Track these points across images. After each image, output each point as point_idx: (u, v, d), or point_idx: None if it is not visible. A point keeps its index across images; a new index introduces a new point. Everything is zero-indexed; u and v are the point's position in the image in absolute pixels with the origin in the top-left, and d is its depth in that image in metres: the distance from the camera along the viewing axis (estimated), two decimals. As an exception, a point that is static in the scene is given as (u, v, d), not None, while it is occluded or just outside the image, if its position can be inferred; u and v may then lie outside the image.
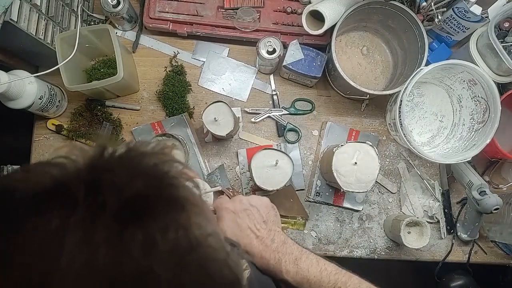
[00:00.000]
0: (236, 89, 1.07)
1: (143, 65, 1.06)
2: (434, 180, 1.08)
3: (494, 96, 0.91)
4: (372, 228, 1.06)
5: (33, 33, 0.83)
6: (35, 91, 0.88)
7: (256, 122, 1.06)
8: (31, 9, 0.82)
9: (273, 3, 1.03)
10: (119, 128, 1.03)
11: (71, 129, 1.01)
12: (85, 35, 0.90)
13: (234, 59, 1.08)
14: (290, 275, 0.55)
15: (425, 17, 0.96)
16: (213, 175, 1.02)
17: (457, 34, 1.01)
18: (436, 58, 1.02)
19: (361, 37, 1.10)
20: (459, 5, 0.91)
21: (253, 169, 0.93)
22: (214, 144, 1.05)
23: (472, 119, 1.00)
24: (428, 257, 1.06)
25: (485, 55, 0.95)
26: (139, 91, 1.05)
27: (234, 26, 1.02)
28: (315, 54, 0.99)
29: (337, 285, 0.52)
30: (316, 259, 0.56)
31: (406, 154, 1.08)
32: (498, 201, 0.95)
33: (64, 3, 0.95)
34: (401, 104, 0.90)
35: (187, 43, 1.07)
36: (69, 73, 0.88)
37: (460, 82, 1.00)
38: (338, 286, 0.52)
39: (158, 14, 1.01)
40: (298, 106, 1.07)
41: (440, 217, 1.06)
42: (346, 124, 1.08)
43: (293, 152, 1.04)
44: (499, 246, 1.07)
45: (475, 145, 0.93)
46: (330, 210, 1.05)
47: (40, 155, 1.01)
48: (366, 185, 0.90)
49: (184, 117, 1.02)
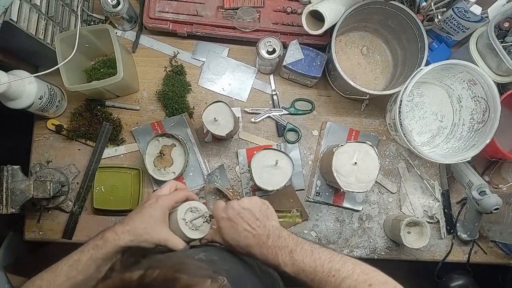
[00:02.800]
0: (236, 89, 1.07)
1: (143, 65, 1.06)
2: (434, 180, 1.08)
3: (494, 96, 0.91)
4: (372, 228, 1.06)
5: (33, 33, 0.83)
6: (35, 91, 0.88)
7: (256, 122, 1.06)
8: (31, 9, 0.82)
9: (273, 3, 1.03)
10: (119, 128, 1.03)
11: (71, 129, 1.01)
12: (85, 35, 0.90)
13: (234, 59, 1.08)
14: (287, 267, 0.57)
15: (425, 17, 0.96)
16: (213, 175, 1.02)
17: (457, 34, 1.01)
18: (436, 58, 1.02)
19: (361, 37, 1.10)
20: (459, 5, 0.91)
21: (253, 169, 0.93)
22: (214, 144, 1.05)
23: (472, 119, 1.00)
24: (428, 257, 1.06)
25: (485, 55, 0.95)
26: (139, 91, 1.05)
27: (234, 26, 1.02)
28: (315, 54, 0.99)
29: (331, 273, 0.53)
30: (310, 248, 0.57)
31: (406, 154, 1.08)
32: (498, 201, 0.95)
33: (64, 3, 0.95)
34: (401, 104, 0.90)
35: (187, 43, 1.07)
36: (69, 73, 0.88)
37: (460, 82, 1.00)
38: (332, 274, 0.53)
39: (158, 14, 1.01)
40: (298, 106, 1.07)
41: (440, 217, 1.06)
42: (346, 124, 1.08)
43: (293, 152, 1.04)
44: (499, 246, 1.07)
45: (475, 145, 0.93)
46: (330, 210, 1.05)
47: (40, 155, 1.01)
48: (366, 185, 0.90)
49: (184, 117, 1.02)
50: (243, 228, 0.61)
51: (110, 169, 0.99)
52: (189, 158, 0.99)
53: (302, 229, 1.04)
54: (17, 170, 0.89)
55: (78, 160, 1.02)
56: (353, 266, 0.54)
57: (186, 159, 0.97)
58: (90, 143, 1.02)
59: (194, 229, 0.67)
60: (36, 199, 0.92)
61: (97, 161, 1.00)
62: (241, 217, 0.62)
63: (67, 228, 1.00)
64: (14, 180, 0.88)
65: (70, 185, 1.00)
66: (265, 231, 0.61)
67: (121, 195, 0.97)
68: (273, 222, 0.63)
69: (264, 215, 0.63)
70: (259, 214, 0.63)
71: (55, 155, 1.02)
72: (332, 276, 0.53)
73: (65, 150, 1.02)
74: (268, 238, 0.60)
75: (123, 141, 1.04)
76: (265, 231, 0.61)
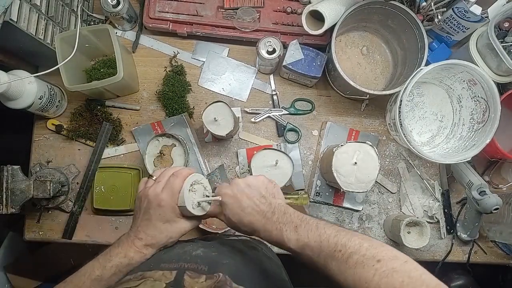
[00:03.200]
0: (236, 89, 1.07)
1: (143, 65, 1.06)
2: (434, 180, 1.08)
3: (494, 96, 0.91)
4: (372, 228, 1.06)
5: (33, 33, 0.83)
6: (35, 91, 0.88)
7: (256, 122, 1.06)
8: (31, 9, 0.82)
9: (273, 3, 1.03)
10: (119, 128, 1.03)
11: (71, 129, 1.01)
12: (85, 35, 0.90)
13: (234, 59, 1.08)
14: (292, 243, 0.56)
15: (425, 17, 0.96)
16: (213, 175, 1.02)
17: (457, 34, 1.01)
18: (436, 58, 1.02)
19: (361, 37, 1.10)
20: (459, 5, 0.91)
21: (253, 169, 0.93)
22: (214, 144, 1.05)
23: (472, 119, 1.00)
24: (428, 257, 1.06)
25: (485, 55, 0.95)
26: (139, 91, 1.05)
27: (234, 26, 1.02)
28: (315, 54, 0.99)
29: (337, 248, 0.51)
30: (316, 224, 0.56)
31: (406, 154, 1.08)
32: (498, 201, 0.95)
33: (64, 3, 0.95)
34: (401, 104, 0.90)
35: (187, 43, 1.07)
36: (69, 73, 0.88)
37: (460, 82, 1.00)
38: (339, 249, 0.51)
39: (158, 14, 1.01)
40: (298, 106, 1.07)
41: (440, 217, 1.06)
42: (346, 124, 1.08)
43: (293, 152, 1.04)
44: (499, 246, 1.07)
45: (475, 145, 0.93)
46: (330, 210, 1.05)
47: (40, 155, 1.02)
48: (366, 185, 0.90)
49: (184, 117, 1.02)
50: (247, 204, 0.60)
51: (110, 169, 0.99)
52: (189, 158, 0.99)
53: (302, 229, 1.04)
54: (17, 170, 0.89)
55: (78, 160, 1.02)
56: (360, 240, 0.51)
57: (186, 159, 0.97)
58: (90, 143, 1.02)
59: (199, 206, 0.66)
60: (36, 199, 0.92)
61: (97, 161, 1.01)
62: (246, 194, 0.61)
63: (67, 228, 1.00)
64: (14, 180, 0.88)
65: (70, 185, 1.00)
66: (270, 208, 0.60)
67: (121, 195, 0.97)
68: (279, 201, 0.62)
69: (270, 193, 0.62)
70: (264, 191, 0.62)
71: (55, 155, 1.02)
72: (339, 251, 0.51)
73: (65, 150, 1.02)
74: (273, 215, 0.59)
75: (123, 141, 1.04)
76: (270, 208, 0.60)
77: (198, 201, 0.65)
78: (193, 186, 0.67)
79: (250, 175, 0.64)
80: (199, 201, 0.65)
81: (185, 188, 0.64)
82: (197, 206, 0.65)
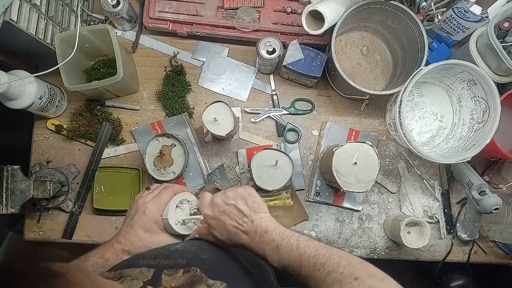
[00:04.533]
0: (236, 89, 1.07)
1: (143, 65, 1.06)
2: (434, 180, 1.08)
3: (494, 96, 0.91)
4: (372, 228, 1.06)
5: (33, 33, 0.83)
6: (35, 91, 0.88)
7: (256, 122, 1.06)
8: (31, 9, 0.82)
9: (273, 3, 1.03)
10: (119, 128, 1.03)
11: (71, 129, 1.01)
12: (85, 35, 0.90)
13: (234, 59, 1.08)
14: (274, 262, 0.58)
15: (425, 17, 0.96)
16: (213, 175, 1.02)
17: (457, 34, 1.01)
18: (436, 58, 1.02)
19: (361, 37, 1.10)
20: (459, 5, 0.91)
21: (253, 169, 0.93)
22: (214, 144, 1.05)
23: (472, 119, 1.00)
24: (428, 257, 1.06)
25: (485, 55, 0.95)
26: (139, 91, 1.05)
27: (234, 26, 1.02)
28: (315, 54, 0.99)
29: (316, 267, 0.53)
30: (296, 242, 0.57)
31: (406, 154, 1.08)
32: (498, 201, 0.95)
33: (64, 3, 0.95)
34: (401, 104, 0.90)
35: (187, 43, 1.07)
36: (69, 73, 0.88)
37: (460, 82, 1.00)
38: (317, 268, 0.53)
39: (158, 14, 1.01)
40: (298, 106, 1.07)
41: (440, 217, 1.06)
42: (346, 124, 1.08)
43: (293, 152, 1.04)
44: (499, 246, 1.07)
45: (475, 145, 0.93)
46: (330, 210, 1.05)
47: (40, 155, 1.01)
48: (366, 185, 0.90)
49: (184, 117, 1.02)
50: (231, 225, 0.61)
51: (110, 169, 0.99)
52: (189, 158, 0.99)
53: (302, 229, 1.04)
54: (17, 170, 0.89)
55: (78, 160, 1.02)
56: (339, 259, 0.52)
57: (186, 159, 0.97)
58: (90, 143, 1.02)
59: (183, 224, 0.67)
60: (36, 199, 0.92)
61: (97, 161, 1.00)
62: (227, 215, 0.61)
63: (67, 228, 1.00)
64: (14, 180, 0.88)
65: (70, 185, 1.00)
66: (253, 227, 0.60)
67: (121, 195, 0.97)
68: (262, 215, 0.62)
69: (252, 209, 0.62)
70: (245, 208, 0.61)
71: (55, 155, 1.02)
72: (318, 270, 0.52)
73: (65, 150, 1.02)
74: (256, 234, 0.59)
75: (123, 141, 1.04)
76: (253, 227, 0.60)
77: (183, 218, 0.66)
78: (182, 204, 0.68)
79: (228, 189, 0.64)
80: (183, 218, 0.66)
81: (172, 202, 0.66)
82: (181, 224, 0.66)
